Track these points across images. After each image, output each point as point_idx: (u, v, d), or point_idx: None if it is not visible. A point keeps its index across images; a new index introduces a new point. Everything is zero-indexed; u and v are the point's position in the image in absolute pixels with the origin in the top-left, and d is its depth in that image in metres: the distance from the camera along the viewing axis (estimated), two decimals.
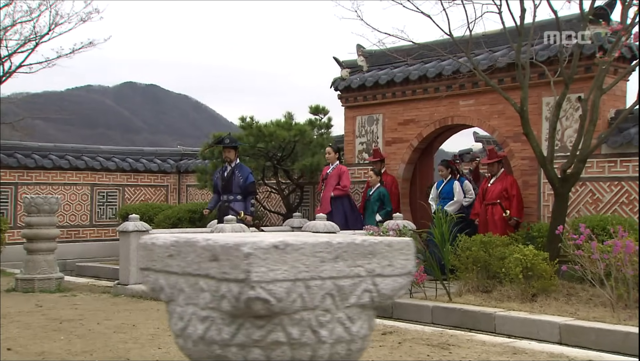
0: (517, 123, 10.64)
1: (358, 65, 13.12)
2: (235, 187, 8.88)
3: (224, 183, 8.97)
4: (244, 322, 1.31)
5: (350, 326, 1.37)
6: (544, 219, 10.06)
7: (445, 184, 10.94)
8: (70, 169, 15.18)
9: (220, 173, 9.21)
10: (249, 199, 9.06)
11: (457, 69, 11.08)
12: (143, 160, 16.37)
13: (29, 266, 8.92)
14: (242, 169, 9.09)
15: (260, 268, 1.27)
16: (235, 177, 8.89)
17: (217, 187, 9.15)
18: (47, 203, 9.03)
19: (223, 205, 9.03)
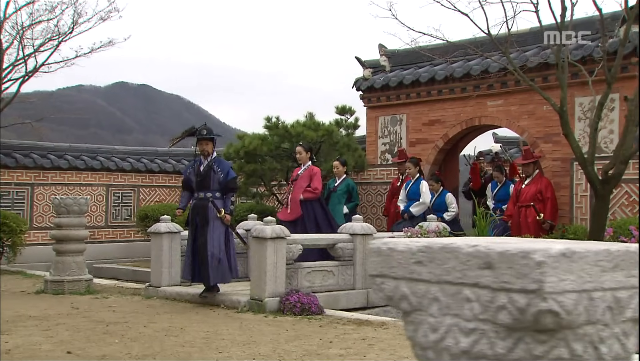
0: (548, 124, 10.56)
1: (380, 65, 12.98)
2: (214, 183, 7.73)
3: (200, 178, 7.75)
4: (524, 336, 1.17)
5: (625, 343, 1.23)
6: (577, 221, 9.94)
7: (412, 184, 10.55)
8: (86, 170, 15.00)
9: (194, 168, 7.92)
10: (229, 196, 7.83)
11: (486, 69, 10.96)
12: (158, 160, 16.20)
13: (58, 268, 8.75)
14: (221, 163, 7.96)
15: (552, 278, 1.13)
16: (214, 173, 7.73)
17: (190, 183, 7.91)
18: (76, 204, 8.86)
19: (200, 203, 7.74)
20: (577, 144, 8.44)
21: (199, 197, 7.75)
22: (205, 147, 7.83)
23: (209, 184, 7.70)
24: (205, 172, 7.74)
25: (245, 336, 5.68)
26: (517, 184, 10.38)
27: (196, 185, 7.77)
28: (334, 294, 7.84)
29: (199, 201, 7.75)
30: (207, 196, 7.68)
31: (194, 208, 7.77)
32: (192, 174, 7.85)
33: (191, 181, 7.85)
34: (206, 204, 7.66)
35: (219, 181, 7.71)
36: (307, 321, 6.64)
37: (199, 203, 7.73)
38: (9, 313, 6.78)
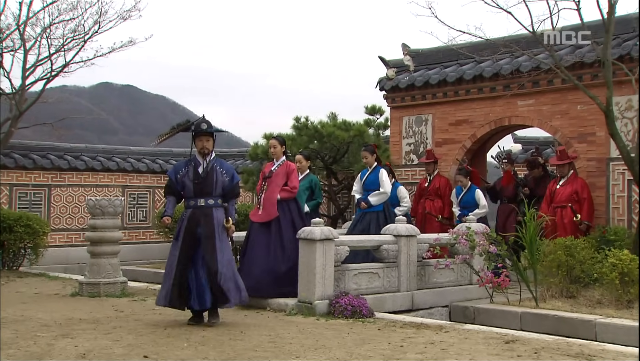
0: (582, 124, 10.47)
1: (404, 64, 12.87)
2: (217, 188, 6.48)
3: (199, 183, 6.44)
4: None
5: None
6: (614, 222, 9.84)
7: (369, 173, 9.60)
8: (102, 171, 14.84)
9: (190, 170, 6.53)
10: (233, 202, 6.67)
11: (517, 68, 10.86)
12: (172, 161, 16.02)
13: (94, 270, 8.58)
14: (224, 164, 6.69)
15: None
16: (217, 175, 6.51)
17: (178, 188, 6.56)
18: (111, 205, 8.70)
19: (201, 211, 6.43)
20: (623, 144, 8.37)
21: (197, 205, 6.42)
22: (205, 144, 6.51)
23: (211, 189, 6.45)
24: (207, 175, 6.47)
25: (311, 340, 5.53)
26: (551, 185, 10.27)
27: (194, 190, 6.43)
28: (380, 296, 7.70)
29: (198, 209, 6.41)
30: (210, 204, 6.44)
31: (191, 218, 6.38)
32: (187, 178, 6.48)
33: (184, 185, 6.49)
34: (209, 212, 6.42)
35: (224, 186, 6.53)
36: (362, 324, 6.50)
37: (198, 211, 6.40)
38: (57, 316, 6.62)
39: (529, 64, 10.76)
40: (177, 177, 6.55)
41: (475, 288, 8.62)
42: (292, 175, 8.09)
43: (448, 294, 8.42)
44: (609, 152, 10.08)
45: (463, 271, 8.63)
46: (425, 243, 8.27)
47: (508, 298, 8.18)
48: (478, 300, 8.52)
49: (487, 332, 6.16)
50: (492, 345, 5.51)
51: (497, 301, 8.26)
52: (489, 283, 7.96)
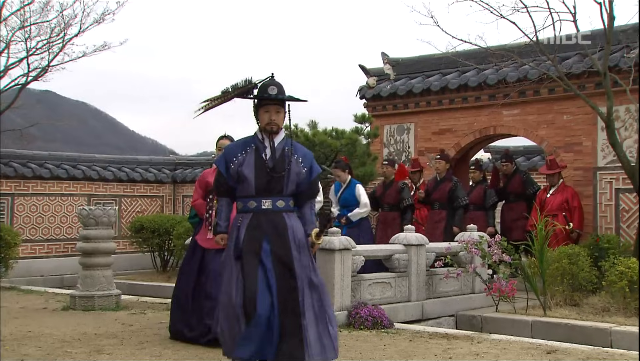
0: (569, 133, 10.61)
1: (385, 73, 12.84)
2: (289, 183, 4.45)
3: (264, 173, 4.41)
4: None
5: None
6: (602, 230, 9.99)
7: (345, 188, 9.29)
8: (67, 179, 14.25)
9: (251, 156, 4.48)
10: (312, 206, 4.64)
11: (504, 78, 10.95)
12: (139, 170, 15.57)
13: (87, 283, 8.16)
14: (298, 148, 4.63)
15: None
16: (291, 165, 4.45)
17: (241, 182, 4.45)
18: (105, 215, 8.31)
19: (271, 218, 4.39)
20: (624, 153, 8.49)
21: (260, 208, 4.38)
22: (273, 117, 4.42)
23: (281, 185, 4.41)
24: (276, 164, 4.42)
25: (353, 353, 5.35)
26: (541, 194, 10.38)
27: (256, 186, 4.40)
28: (393, 306, 7.57)
29: (262, 215, 4.38)
30: (279, 207, 4.40)
31: (257, 228, 4.35)
32: (247, 167, 4.42)
33: (241, 178, 4.42)
34: (280, 221, 4.38)
35: (299, 181, 4.46)
36: (388, 335, 6.35)
37: (263, 218, 4.37)
38: (67, 331, 6.24)
39: (515, 74, 10.87)
40: (230, 167, 4.46)
41: (478, 296, 8.60)
42: None
43: (454, 303, 8.36)
44: (596, 162, 10.25)
45: (466, 280, 8.59)
46: (432, 252, 8.20)
47: (514, 306, 8.16)
48: (481, 309, 8.50)
49: (520, 342, 6.11)
50: (534, 355, 5.45)
51: (502, 309, 8.25)
52: (496, 291, 7.93)
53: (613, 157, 9.98)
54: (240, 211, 4.49)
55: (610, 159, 10.07)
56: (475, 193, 11.07)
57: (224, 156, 4.52)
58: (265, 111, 4.43)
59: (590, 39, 9.95)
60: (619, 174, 9.86)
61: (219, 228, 4.55)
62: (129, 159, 16.10)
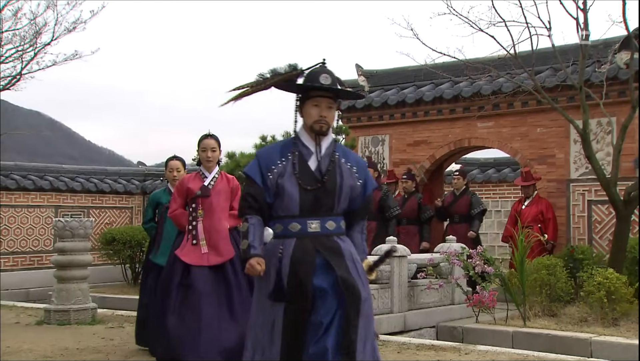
0: (542, 146, 10.76)
1: (359, 85, 12.88)
2: (342, 199, 3.51)
3: (313, 187, 3.46)
4: None
5: None
6: (575, 242, 10.13)
7: None
8: (34, 190, 13.94)
9: (294, 163, 3.51)
10: (364, 228, 3.69)
11: (478, 91, 11.07)
12: (108, 180, 15.32)
13: (62, 296, 7.97)
14: (350, 154, 3.66)
15: None
16: (343, 175, 3.52)
17: (282, 197, 3.47)
18: (82, 227, 8.13)
19: (310, 244, 3.41)
20: (599, 166, 8.62)
21: (307, 230, 3.42)
22: (324, 113, 3.51)
23: (332, 201, 3.46)
24: (328, 176, 3.47)
25: None
26: (516, 205, 10.49)
27: (301, 202, 3.43)
28: (377, 318, 7.52)
29: (310, 240, 3.41)
30: (329, 230, 3.45)
31: (299, 257, 3.37)
32: (291, 179, 3.45)
33: (281, 192, 3.45)
34: (334, 247, 3.42)
35: (353, 196, 3.52)
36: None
37: (311, 245, 3.40)
38: (46, 346, 6.08)
39: (489, 87, 11.00)
40: (268, 176, 3.45)
41: (457, 307, 8.63)
42: (238, 193, 5.53)
43: (434, 314, 8.38)
44: (569, 174, 10.41)
45: (446, 291, 8.62)
46: (414, 264, 8.21)
47: (495, 317, 8.21)
48: (461, 320, 8.53)
49: (507, 353, 6.15)
50: None
51: (482, 320, 8.29)
52: (477, 303, 7.97)
53: (585, 170, 10.16)
54: (278, 235, 3.46)
55: (582, 171, 10.24)
56: (408, 205, 10.76)
57: (258, 162, 3.52)
58: (314, 104, 3.50)
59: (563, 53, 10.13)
60: (592, 186, 10.04)
61: (252, 249, 3.39)
62: (98, 169, 15.83)
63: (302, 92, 3.56)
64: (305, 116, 3.54)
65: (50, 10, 10.53)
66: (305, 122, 3.55)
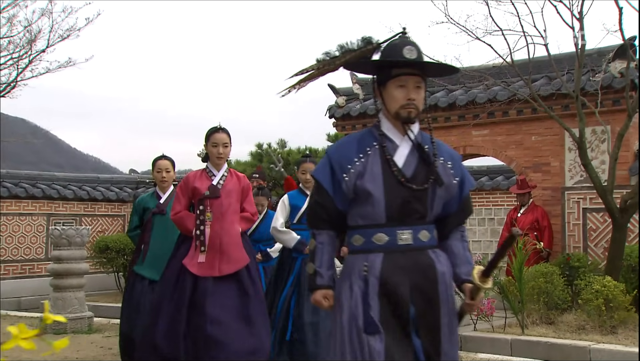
0: (537, 154, 10.81)
1: (354, 92, 12.90)
2: (436, 203, 2.82)
3: (402, 189, 2.75)
4: None
5: None
6: (570, 250, 10.17)
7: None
8: (26, 198, 13.85)
9: (375, 158, 2.80)
10: (464, 235, 3.01)
11: (473, 99, 11.11)
12: (100, 188, 15.25)
13: (58, 305, 7.91)
14: (444, 148, 2.96)
15: None
16: (438, 174, 2.81)
17: (362, 203, 2.78)
18: (79, 235, 8.09)
19: (402, 260, 2.73)
20: (595, 174, 8.65)
21: (399, 243, 2.75)
22: (414, 95, 2.84)
23: (425, 206, 2.81)
24: (418, 174, 2.83)
25: None
26: (511, 213, 10.52)
27: (387, 208, 2.76)
28: None
29: (402, 255, 2.75)
30: (423, 242, 2.80)
31: (396, 282, 2.70)
32: (375, 180, 2.78)
33: (363, 198, 2.79)
34: (431, 266, 2.79)
35: (448, 199, 2.91)
36: None
37: (404, 260, 2.74)
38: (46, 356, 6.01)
39: (484, 95, 11.04)
40: (344, 179, 2.79)
41: None
42: (249, 194, 5.20)
43: None
44: (564, 182, 10.45)
45: None
46: None
47: (493, 325, 8.21)
48: (459, 328, 8.49)
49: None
50: None
51: (480, 328, 8.29)
52: (475, 310, 7.97)
53: (580, 178, 10.21)
54: (359, 250, 2.78)
55: (577, 179, 10.29)
56: None
57: (329, 162, 2.84)
58: (398, 85, 2.80)
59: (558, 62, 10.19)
60: (587, 194, 10.09)
61: (319, 278, 2.82)
62: (90, 177, 15.76)
63: (381, 71, 2.88)
64: (388, 101, 2.86)
65: (45, 17, 10.46)
66: (387, 108, 2.87)
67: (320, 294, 2.82)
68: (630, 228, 9.38)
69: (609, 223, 9.85)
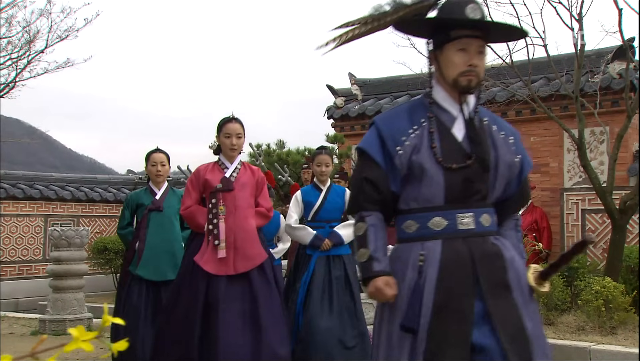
0: (536, 155, 10.81)
1: (352, 93, 12.91)
2: (497, 182, 2.49)
3: (463, 165, 2.41)
4: None
5: None
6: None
7: (327, 193, 5.71)
8: (24, 199, 13.82)
9: (429, 132, 2.44)
10: (518, 221, 2.70)
11: None
12: (98, 189, 15.22)
13: (58, 306, 7.90)
14: (502, 122, 2.71)
15: None
16: (498, 149, 2.51)
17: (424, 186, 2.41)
18: (78, 236, 8.07)
19: (463, 248, 2.38)
20: (595, 175, 8.66)
21: (459, 228, 2.41)
22: (476, 61, 2.47)
23: (486, 186, 2.47)
24: (479, 149, 2.46)
25: None
26: None
27: (447, 188, 2.42)
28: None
29: (463, 242, 2.40)
30: (485, 227, 2.46)
31: (457, 272, 2.36)
32: (431, 156, 2.41)
33: (424, 176, 2.41)
34: (498, 253, 2.44)
35: (510, 178, 2.56)
36: None
37: (465, 248, 2.39)
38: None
39: (482, 96, 11.02)
40: (397, 153, 2.44)
41: None
42: (264, 188, 4.85)
43: None
44: (563, 183, 10.47)
45: None
46: None
47: None
48: None
49: None
50: None
51: None
52: None
53: (579, 179, 10.24)
54: (412, 237, 2.45)
55: (576, 180, 10.31)
56: None
57: (378, 133, 2.47)
58: (458, 49, 2.45)
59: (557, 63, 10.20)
60: (585, 195, 10.11)
61: (376, 263, 2.39)
62: (88, 178, 15.74)
63: (437, 32, 2.50)
64: (445, 66, 2.48)
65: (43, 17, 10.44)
66: (444, 75, 2.49)
67: (381, 281, 2.36)
68: (630, 228, 9.41)
69: (608, 224, 9.87)
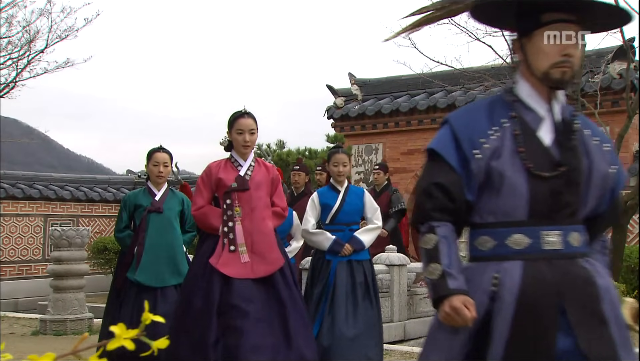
0: None
1: (352, 93, 12.92)
2: (590, 195, 2.12)
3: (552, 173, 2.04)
4: None
5: None
6: None
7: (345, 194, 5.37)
8: (23, 199, 13.79)
9: (515, 137, 2.07)
10: (605, 243, 2.26)
11: (472, 100, 11.13)
12: (98, 189, 15.20)
13: (58, 306, 7.88)
14: (591, 124, 2.24)
15: None
16: (591, 154, 2.12)
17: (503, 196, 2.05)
18: (79, 236, 8.05)
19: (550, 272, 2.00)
20: None
21: (543, 248, 2.02)
22: (572, 50, 2.07)
23: (577, 200, 2.08)
24: (572, 155, 2.08)
25: None
26: None
27: (532, 203, 2.05)
28: None
29: (548, 265, 2.01)
30: (575, 246, 2.06)
31: (539, 303, 1.96)
32: (515, 163, 2.05)
33: (504, 187, 2.05)
34: (589, 280, 2.03)
35: (604, 191, 2.14)
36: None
37: (550, 273, 2.00)
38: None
39: (483, 96, 11.05)
40: (471, 157, 2.07)
41: None
42: (279, 186, 4.51)
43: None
44: None
45: None
46: (413, 272, 8.21)
47: None
48: None
49: None
50: None
51: None
52: None
53: None
54: (487, 256, 2.10)
55: None
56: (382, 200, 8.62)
57: (453, 132, 2.13)
58: (552, 34, 2.08)
59: None
60: None
61: (451, 280, 2.01)
62: (87, 178, 15.72)
63: (525, 17, 2.14)
64: (535, 56, 2.10)
65: (43, 17, 10.42)
66: (533, 67, 2.11)
67: (458, 301, 1.96)
68: (630, 228, 9.40)
69: None
